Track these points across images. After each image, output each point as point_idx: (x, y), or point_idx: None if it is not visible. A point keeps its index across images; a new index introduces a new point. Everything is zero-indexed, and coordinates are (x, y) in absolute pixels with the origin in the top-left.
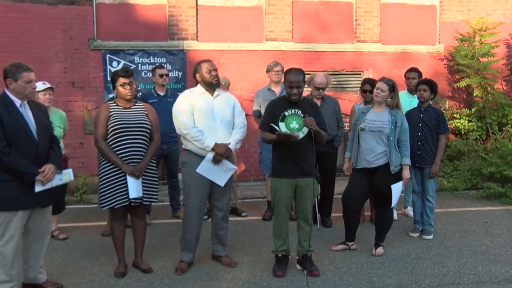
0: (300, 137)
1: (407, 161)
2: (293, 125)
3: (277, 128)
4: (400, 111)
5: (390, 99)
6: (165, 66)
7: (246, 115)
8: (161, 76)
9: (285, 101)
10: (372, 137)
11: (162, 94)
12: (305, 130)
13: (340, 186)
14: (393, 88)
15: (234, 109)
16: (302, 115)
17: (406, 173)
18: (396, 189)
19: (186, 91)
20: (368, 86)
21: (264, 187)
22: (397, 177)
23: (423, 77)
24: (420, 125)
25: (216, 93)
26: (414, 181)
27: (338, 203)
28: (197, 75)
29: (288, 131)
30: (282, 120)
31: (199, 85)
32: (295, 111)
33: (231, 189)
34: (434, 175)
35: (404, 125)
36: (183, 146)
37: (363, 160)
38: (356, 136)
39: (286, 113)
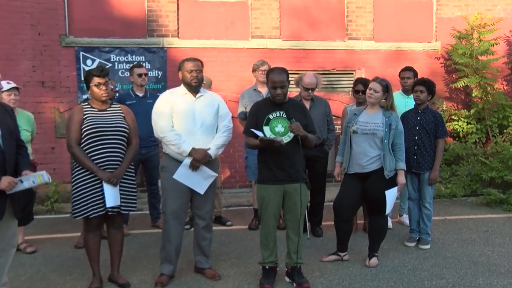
0: (286, 142)
1: (402, 165)
2: (278, 128)
3: (258, 133)
4: (395, 112)
5: (384, 100)
6: (144, 65)
7: (231, 117)
8: (140, 75)
9: (269, 103)
10: (365, 140)
11: (140, 95)
12: (291, 133)
13: (331, 192)
14: (387, 88)
15: (218, 111)
16: (288, 119)
17: (401, 179)
18: (391, 195)
19: (166, 91)
20: (360, 86)
21: (250, 194)
22: (392, 182)
23: (419, 76)
24: (417, 128)
25: (199, 94)
26: (410, 187)
27: (329, 210)
28: (180, 74)
29: (272, 136)
30: (267, 124)
31: (182, 85)
32: (280, 114)
33: (214, 196)
34: (433, 182)
35: (399, 127)
36: (163, 150)
37: (356, 165)
38: (348, 139)
39: (271, 116)
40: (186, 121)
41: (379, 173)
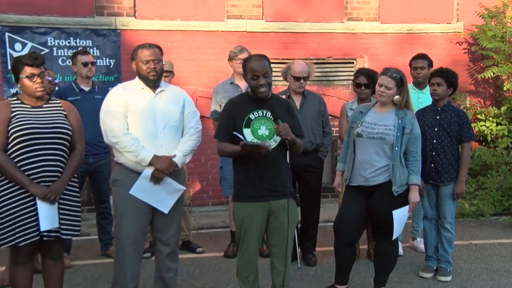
0: (272, 147)
1: (416, 179)
2: (261, 131)
3: (241, 137)
4: (411, 112)
5: (398, 97)
6: (90, 51)
7: (202, 117)
8: (85, 64)
9: (248, 99)
10: (370, 146)
11: (86, 89)
12: (278, 137)
13: (327, 210)
14: (401, 82)
15: (184, 110)
16: (273, 119)
17: (414, 196)
18: (400, 216)
19: (118, 85)
20: (363, 78)
21: (226, 213)
22: (402, 200)
23: (436, 66)
24: (435, 129)
25: (159, 88)
26: (427, 204)
27: (325, 233)
28: (133, 64)
29: (256, 140)
30: (247, 126)
31: (137, 78)
32: (263, 113)
33: (181, 216)
34: (459, 197)
35: (415, 131)
36: (115, 159)
37: (359, 176)
38: (351, 143)
39: (252, 116)
40: (144, 122)
41: (387, 187)
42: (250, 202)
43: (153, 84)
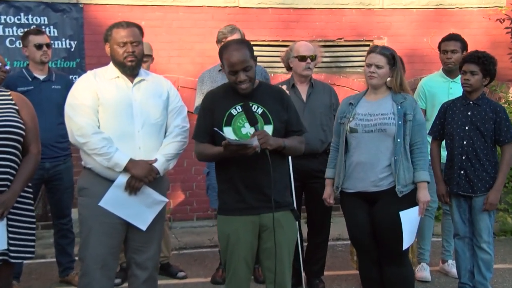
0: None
1: (425, 175)
2: (246, 129)
3: (222, 133)
4: (409, 95)
5: (390, 78)
6: (46, 30)
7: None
8: (39, 47)
9: (230, 91)
10: (369, 142)
11: (41, 77)
12: None
13: (337, 225)
14: (393, 59)
15: (168, 104)
16: (261, 114)
17: (424, 194)
18: (409, 219)
19: (88, 73)
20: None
21: (214, 229)
22: (410, 202)
23: (471, 49)
24: (466, 128)
25: (139, 77)
26: (458, 218)
27: (335, 253)
28: (107, 47)
29: (240, 140)
30: (228, 123)
31: (111, 64)
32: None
33: (161, 234)
34: (492, 208)
35: (418, 117)
36: (82, 163)
37: (356, 180)
38: (342, 142)
39: (234, 111)
40: (119, 118)
41: (394, 192)
42: (236, 215)
43: (130, 71)
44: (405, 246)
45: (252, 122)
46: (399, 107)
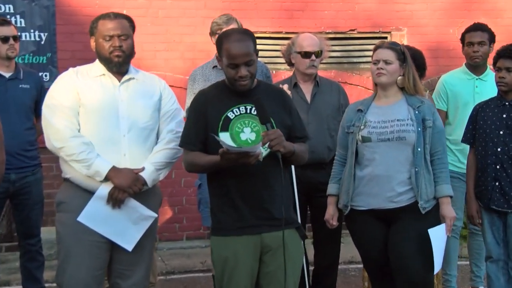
0: (263, 155)
1: (448, 189)
2: (245, 135)
3: (220, 139)
4: (426, 98)
5: (401, 77)
6: (12, 20)
7: None
8: (5, 40)
9: (226, 90)
10: (387, 151)
11: (7, 75)
12: None
13: (349, 246)
14: (403, 55)
15: (161, 106)
16: (261, 116)
17: (449, 210)
18: (438, 237)
19: (70, 70)
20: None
21: (206, 250)
22: (434, 220)
23: (504, 42)
24: (500, 133)
25: (128, 75)
26: (490, 239)
27: (346, 278)
28: (92, 41)
29: (240, 147)
30: (225, 129)
31: (97, 61)
32: (246, 109)
33: (150, 256)
34: None
35: (437, 124)
36: (62, 175)
37: (370, 196)
38: (352, 155)
39: (231, 114)
40: (102, 121)
41: (415, 210)
42: (234, 235)
43: (117, 68)
44: (436, 270)
45: (263, 120)
46: (417, 112)
